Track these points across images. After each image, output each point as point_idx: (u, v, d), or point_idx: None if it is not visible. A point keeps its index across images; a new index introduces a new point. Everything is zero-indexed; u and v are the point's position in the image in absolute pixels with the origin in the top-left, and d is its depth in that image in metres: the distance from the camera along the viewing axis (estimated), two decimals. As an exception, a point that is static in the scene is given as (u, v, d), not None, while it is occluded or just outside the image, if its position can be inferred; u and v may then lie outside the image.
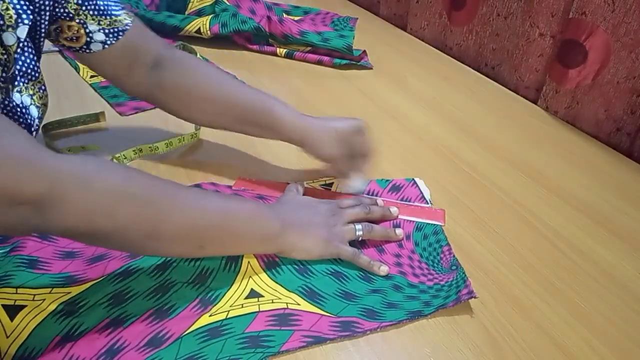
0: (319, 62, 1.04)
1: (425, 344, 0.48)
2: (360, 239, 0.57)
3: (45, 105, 0.57)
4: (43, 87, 0.57)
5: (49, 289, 0.49)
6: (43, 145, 0.68)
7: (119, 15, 0.61)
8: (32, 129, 0.54)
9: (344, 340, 0.48)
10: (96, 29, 0.59)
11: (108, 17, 0.60)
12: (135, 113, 0.82)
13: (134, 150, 0.70)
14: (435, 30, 1.16)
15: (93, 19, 0.59)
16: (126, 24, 0.62)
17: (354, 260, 0.55)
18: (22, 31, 0.49)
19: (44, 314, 0.47)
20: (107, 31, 0.60)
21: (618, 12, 0.75)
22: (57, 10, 0.57)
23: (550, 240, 0.61)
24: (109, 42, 0.61)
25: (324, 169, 0.67)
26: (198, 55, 0.99)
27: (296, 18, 1.24)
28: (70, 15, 0.57)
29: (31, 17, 0.50)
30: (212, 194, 0.51)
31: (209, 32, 1.06)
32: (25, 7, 0.49)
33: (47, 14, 0.54)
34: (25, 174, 0.37)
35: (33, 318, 0.46)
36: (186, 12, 1.12)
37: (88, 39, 0.60)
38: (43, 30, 0.55)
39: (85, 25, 0.59)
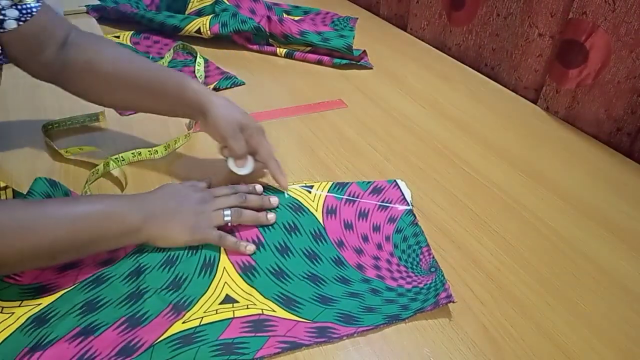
0: (319, 62, 1.04)
1: (425, 344, 0.48)
2: (230, 224, 0.56)
3: None
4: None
5: (19, 302, 0.48)
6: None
7: None
8: None
9: (343, 340, 0.48)
10: (8, 4, 0.57)
11: None
12: (135, 113, 0.82)
13: (132, 153, 0.70)
14: (435, 31, 1.16)
15: None
16: (37, 3, 0.60)
17: (220, 243, 0.55)
18: None
19: (12, 328, 0.46)
20: (20, 7, 0.58)
21: (618, 11, 0.75)
22: None
23: (550, 240, 0.61)
24: (22, 19, 0.59)
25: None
26: (198, 56, 0.99)
27: (296, 18, 1.24)
28: None
29: None
30: (59, 205, 0.51)
31: (209, 32, 1.06)
32: None
33: None
34: None
35: (1, 331, 0.46)
36: (186, 12, 1.13)
37: (1, 17, 0.58)
38: None
39: None
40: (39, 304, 0.48)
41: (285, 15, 1.22)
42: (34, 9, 0.60)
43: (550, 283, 0.55)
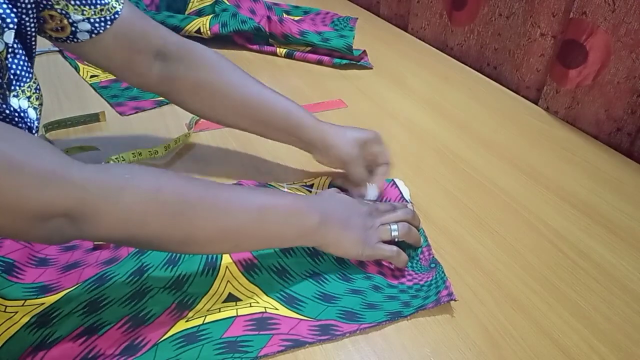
0: (319, 62, 1.04)
1: (425, 344, 0.48)
2: (396, 239, 0.55)
3: (41, 104, 0.57)
4: (38, 87, 0.56)
5: (22, 301, 0.48)
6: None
7: (107, 2, 0.58)
8: (33, 131, 0.54)
9: (343, 340, 0.48)
10: (80, 19, 0.56)
11: (92, 7, 0.56)
12: (135, 113, 0.82)
13: (132, 153, 0.70)
14: (436, 30, 1.16)
15: (75, 9, 0.56)
16: (115, 12, 0.58)
17: (391, 258, 0.54)
18: (9, 36, 0.48)
19: (17, 327, 0.46)
20: (92, 20, 0.57)
21: (618, 12, 0.75)
22: (40, 2, 0.55)
23: (550, 240, 0.61)
24: (96, 32, 0.58)
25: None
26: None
27: (296, 18, 1.24)
28: (50, 4, 0.55)
29: (15, 19, 0.49)
30: (246, 191, 0.50)
31: (209, 32, 1.06)
32: (8, 11, 0.48)
33: (33, 10, 0.53)
34: (53, 189, 0.37)
35: (5, 330, 0.46)
36: (186, 12, 1.12)
37: (73, 29, 0.57)
38: (31, 29, 0.53)
39: (67, 15, 0.56)
40: (42, 304, 0.48)
41: (285, 15, 1.22)
42: (109, 22, 0.58)
43: (550, 283, 0.55)
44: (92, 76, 0.92)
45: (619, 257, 0.59)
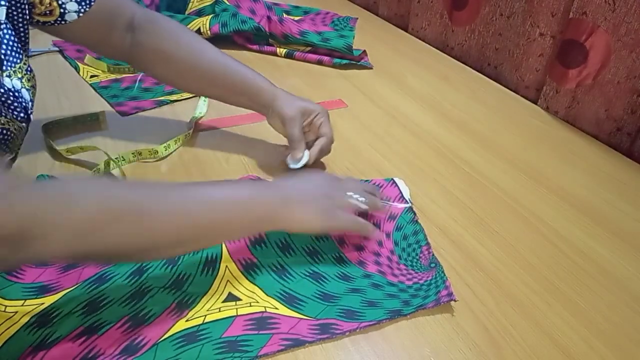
0: (319, 62, 1.04)
1: (425, 344, 0.48)
2: (362, 210, 0.55)
3: (34, 87, 0.58)
4: (29, 69, 0.57)
5: (22, 301, 0.48)
6: (44, 143, 0.68)
7: None
8: (29, 112, 0.55)
9: (343, 339, 0.48)
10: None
11: None
12: (135, 113, 0.82)
13: (132, 153, 0.70)
14: (436, 30, 1.16)
15: None
16: None
17: (357, 229, 0.55)
18: (1, 13, 0.49)
19: (17, 327, 0.46)
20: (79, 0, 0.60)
21: (618, 12, 0.75)
22: None
23: (550, 240, 0.61)
24: (82, 10, 0.61)
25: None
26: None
27: (296, 18, 1.24)
28: None
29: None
30: (201, 188, 0.48)
31: (209, 32, 1.06)
32: None
33: None
34: None
35: (5, 330, 0.46)
36: (186, 12, 1.13)
37: (62, 11, 0.60)
38: (22, 10, 0.55)
39: None
40: (42, 304, 0.48)
41: (285, 15, 1.22)
42: (93, 1, 0.62)
43: (550, 283, 0.55)
44: (92, 76, 0.92)
45: (619, 257, 0.59)
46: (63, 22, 0.61)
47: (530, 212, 0.65)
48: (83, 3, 0.61)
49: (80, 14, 0.61)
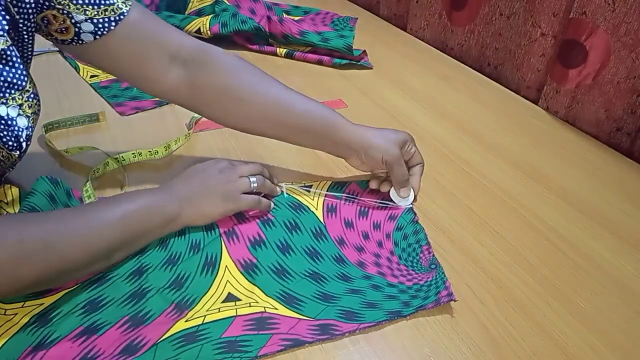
0: (319, 62, 1.04)
1: (425, 344, 0.48)
2: (255, 190, 0.60)
3: (35, 113, 0.56)
4: (32, 95, 0.54)
5: (21, 303, 0.48)
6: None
7: (113, 3, 0.55)
8: (21, 140, 0.52)
9: (343, 339, 0.48)
10: (82, 19, 0.54)
11: (95, 7, 0.54)
12: (135, 113, 0.82)
13: (132, 153, 0.70)
14: (435, 31, 1.16)
15: (77, 9, 0.53)
16: (121, 13, 0.55)
17: (256, 206, 0.59)
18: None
19: (16, 328, 0.46)
20: (95, 20, 0.54)
21: (618, 12, 0.75)
22: (40, 2, 0.52)
23: (550, 240, 0.61)
24: (100, 32, 0.55)
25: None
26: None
27: (296, 18, 1.24)
28: (52, 4, 0.53)
29: (7, 27, 0.49)
30: (103, 206, 0.51)
31: (209, 32, 1.06)
32: (0, 18, 0.48)
33: (34, 11, 0.52)
34: None
35: (5, 332, 0.46)
36: (186, 12, 1.13)
37: (77, 29, 0.54)
38: (27, 35, 0.53)
39: (70, 16, 0.53)
40: (42, 304, 0.48)
41: (285, 15, 1.22)
42: (113, 23, 0.55)
43: (550, 283, 0.55)
44: (92, 76, 0.92)
45: (619, 257, 0.59)
46: (80, 42, 0.55)
47: (530, 212, 0.65)
48: (100, 25, 0.55)
49: (97, 36, 0.55)
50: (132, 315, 0.48)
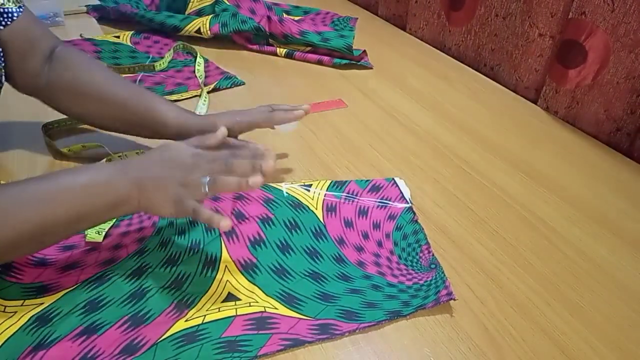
0: (319, 62, 1.04)
1: (425, 344, 0.48)
2: (208, 195, 0.50)
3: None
4: None
5: (21, 301, 0.48)
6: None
7: (2, 3, 0.59)
8: None
9: (343, 339, 0.48)
10: None
11: None
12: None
13: (137, 152, 0.70)
14: (434, 31, 1.16)
15: None
16: (11, 13, 0.60)
17: (195, 217, 0.49)
18: None
19: (15, 327, 0.46)
20: None
21: (618, 12, 0.75)
22: None
23: (550, 240, 0.61)
24: (2, 24, 0.59)
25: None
26: (198, 56, 1.00)
27: (296, 18, 1.24)
28: None
29: None
30: (38, 179, 0.47)
31: (209, 32, 1.06)
32: None
33: None
34: None
35: (4, 330, 0.46)
36: (186, 12, 1.12)
37: None
38: None
39: None
40: (42, 303, 0.48)
41: (285, 15, 1.22)
42: (15, 14, 0.59)
43: (550, 283, 0.55)
44: (91, 76, 0.92)
45: (619, 257, 0.59)
46: None
47: (530, 212, 0.65)
48: (4, 15, 0.59)
49: (0, 27, 0.59)
50: (132, 315, 0.48)
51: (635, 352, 0.48)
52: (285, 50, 1.06)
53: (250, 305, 0.50)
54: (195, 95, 0.87)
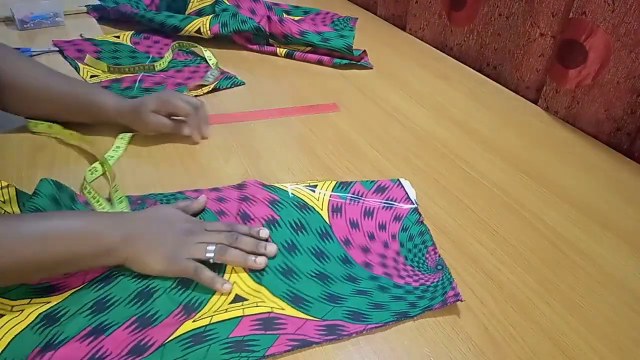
0: (319, 62, 1.04)
1: (425, 344, 0.48)
2: (212, 261, 0.52)
3: None
4: None
5: (28, 300, 0.48)
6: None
7: None
8: None
9: (343, 340, 0.48)
10: None
11: None
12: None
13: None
14: (435, 31, 1.16)
15: None
16: None
17: (195, 276, 0.51)
18: None
19: (23, 325, 0.46)
20: None
21: (618, 12, 0.75)
22: None
23: (550, 240, 0.61)
24: None
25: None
26: (204, 49, 1.00)
27: (296, 18, 1.24)
28: None
29: None
30: (28, 218, 0.49)
31: (209, 32, 1.06)
32: None
33: None
34: None
35: (11, 329, 0.46)
36: (186, 12, 1.12)
37: None
38: None
39: None
40: (48, 302, 0.49)
41: (285, 15, 1.22)
42: None
43: (550, 283, 0.55)
44: (92, 76, 0.92)
45: (619, 257, 0.59)
46: None
47: (530, 212, 0.65)
48: None
49: None
50: (139, 316, 0.48)
51: (635, 352, 0.48)
52: (285, 50, 1.06)
53: (257, 306, 0.50)
54: (196, 95, 0.87)
